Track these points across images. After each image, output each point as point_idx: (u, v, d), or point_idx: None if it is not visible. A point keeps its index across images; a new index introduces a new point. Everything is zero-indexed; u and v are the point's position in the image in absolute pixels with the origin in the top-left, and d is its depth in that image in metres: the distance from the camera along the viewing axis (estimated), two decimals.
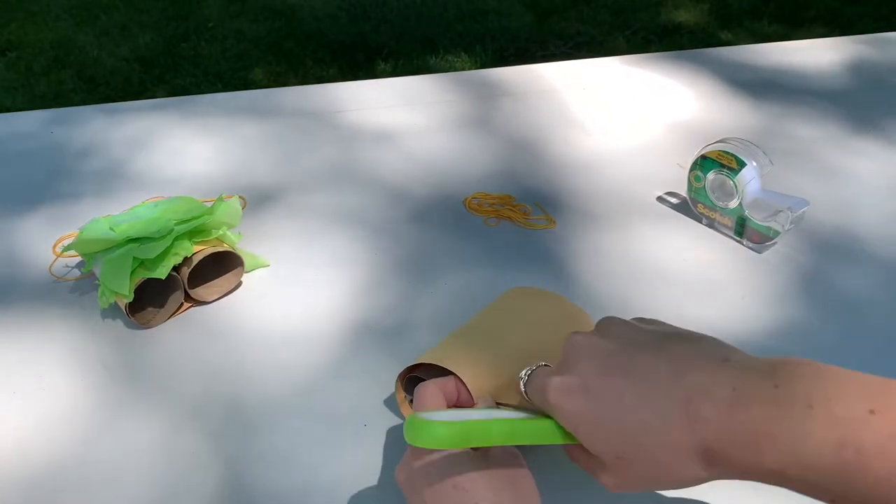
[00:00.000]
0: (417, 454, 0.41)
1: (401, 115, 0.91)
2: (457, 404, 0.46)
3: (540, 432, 0.40)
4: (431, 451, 0.41)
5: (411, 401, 0.50)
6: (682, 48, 2.02)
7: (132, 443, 0.52)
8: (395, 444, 0.52)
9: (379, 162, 0.82)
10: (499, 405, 0.46)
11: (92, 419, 0.54)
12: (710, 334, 0.42)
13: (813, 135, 0.88)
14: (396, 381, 0.52)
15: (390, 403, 0.54)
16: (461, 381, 0.47)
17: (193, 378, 0.57)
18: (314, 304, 0.64)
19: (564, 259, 0.69)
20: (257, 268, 0.67)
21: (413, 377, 0.51)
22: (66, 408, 0.54)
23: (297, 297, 0.64)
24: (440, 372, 0.48)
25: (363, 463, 0.50)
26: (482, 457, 0.41)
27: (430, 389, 0.44)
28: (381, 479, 0.49)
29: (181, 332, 0.61)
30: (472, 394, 0.46)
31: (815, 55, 1.06)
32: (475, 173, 0.81)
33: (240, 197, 0.69)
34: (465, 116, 0.91)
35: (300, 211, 0.75)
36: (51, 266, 0.67)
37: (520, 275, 0.67)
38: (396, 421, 0.53)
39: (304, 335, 0.61)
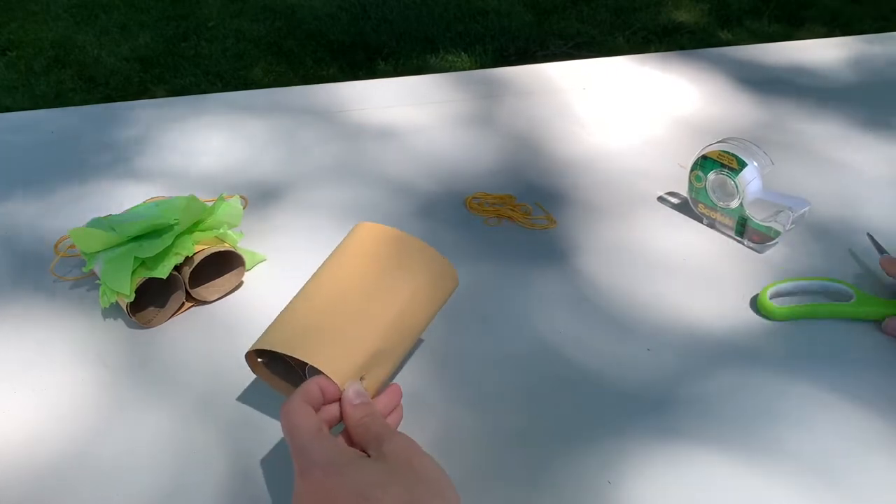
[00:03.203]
0: (309, 475, 0.38)
1: (402, 115, 0.91)
2: (325, 403, 0.44)
3: None
4: (325, 469, 0.38)
5: (265, 363, 0.51)
6: (682, 48, 2.03)
7: (133, 442, 0.52)
8: None
9: (381, 161, 0.82)
10: (362, 380, 0.46)
11: (93, 418, 0.54)
12: (711, 334, 0.42)
13: (814, 134, 0.88)
14: (247, 354, 0.50)
15: None
16: (319, 370, 0.45)
17: (194, 377, 0.57)
18: None
19: (565, 259, 0.69)
20: (257, 264, 0.67)
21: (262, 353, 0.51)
22: (66, 407, 0.54)
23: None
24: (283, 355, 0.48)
25: None
26: (379, 455, 0.39)
27: (297, 406, 0.41)
28: None
29: (182, 332, 0.61)
30: (337, 381, 0.44)
31: (817, 54, 1.06)
32: (476, 173, 0.81)
33: (241, 196, 0.69)
34: (466, 116, 0.92)
35: (302, 209, 0.75)
36: (52, 265, 0.67)
37: (522, 272, 0.67)
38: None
39: None
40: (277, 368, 0.52)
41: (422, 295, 0.50)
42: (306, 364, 0.48)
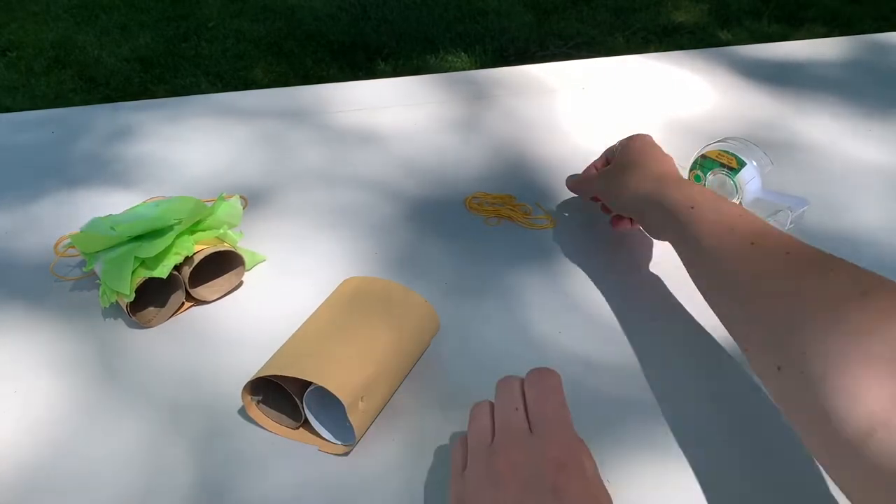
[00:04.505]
0: (507, 451, 0.41)
1: (401, 115, 0.91)
2: None
3: None
4: (517, 449, 0.41)
5: (259, 401, 0.52)
6: (681, 48, 2.03)
7: (134, 441, 0.52)
8: (393, 445, 0.52)
9: (379, 161, 0.83)
10: (362, 400, 0.49)
11: (93, 418, 0.54)
12: (711, 333, 0.42)
13: (814, 133, 0.88)
14: (243, 392, 0.52)
15: (392, 402, 0.54)
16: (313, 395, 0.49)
17: (195, 377, 0.57)
18: (315, 304, 0.64)
19: (565, 258, 0.69)
20: (257, 264, 0.67)
21: (263, 381, 0.52)
22: (67, 407, 0.55)
23: (298, 296, 0.64)
24: (290, 379, 0.50)
25: (362, 463, 0.50)
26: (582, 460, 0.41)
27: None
28: (377, 482, 0.49)
29: (182, 332, 0.61)
30: (343, 399, 0.47)
31: (817, 55, 1.06)
32: (476, 173, 0.81)
33: (241, 196, 0.69)
34: (466, 116, 0.92)
35: (300, 210, 0.75)
36: (52, 265, 0.67)
37: (519, 273, 0.67)
38: (394, 423, 0.53)
39: None
40: (269, 409, 0.53)
41: (408, 324, 0.55)
42: (302, 396, 0.50)
